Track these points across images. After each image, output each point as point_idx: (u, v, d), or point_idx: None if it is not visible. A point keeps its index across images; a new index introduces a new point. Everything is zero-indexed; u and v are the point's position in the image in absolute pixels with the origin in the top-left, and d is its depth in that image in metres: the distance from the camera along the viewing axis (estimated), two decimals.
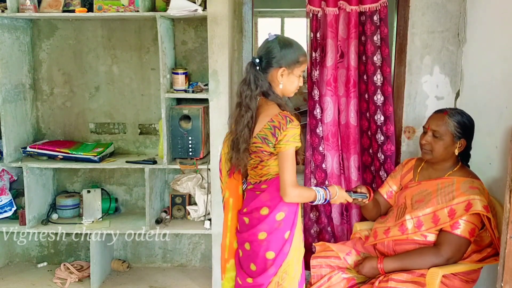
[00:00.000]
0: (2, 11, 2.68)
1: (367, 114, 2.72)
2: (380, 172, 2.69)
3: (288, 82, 1.87)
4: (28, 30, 2.97)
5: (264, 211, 1.89)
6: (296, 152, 1.86)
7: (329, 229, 2.80)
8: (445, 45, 2.67)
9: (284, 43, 1.86)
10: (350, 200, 2.03)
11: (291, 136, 1.79)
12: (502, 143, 2.11)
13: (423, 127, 2.14)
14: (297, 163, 1.88)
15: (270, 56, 1.84)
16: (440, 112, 2.10)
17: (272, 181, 1.89)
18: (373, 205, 2.24)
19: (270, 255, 1.87)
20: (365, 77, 2.68)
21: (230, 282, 2.03)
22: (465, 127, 2.05)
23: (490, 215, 1.91)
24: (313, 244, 2.76)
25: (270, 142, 1.81)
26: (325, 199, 1.92)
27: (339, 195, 1.96)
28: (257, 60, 1.85)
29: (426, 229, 2.00)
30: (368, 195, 2.09)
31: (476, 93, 2.49)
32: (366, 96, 2.69)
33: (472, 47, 2.56)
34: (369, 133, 2.74)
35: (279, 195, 1.86)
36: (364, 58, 2.66)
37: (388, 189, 2.31)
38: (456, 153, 2.06)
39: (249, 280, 1.93)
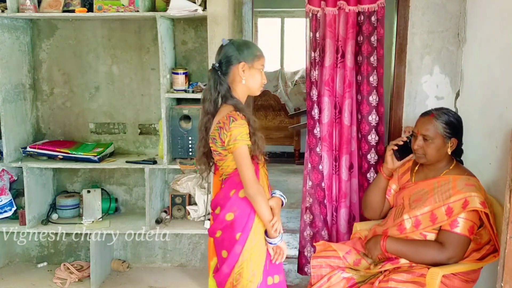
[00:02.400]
0: (2, 11, 2.68)
1: (359, 115, 2.72)
2: (368, 174, 2.72)
3: (250, 76, 1.92)
4: (28, 30, 2.97)
5: (217, 210, 1.95)
6: (254, 156, 1.88)
7: (323, 232, 2.80)
8: (445, 45, 2.67)
9: (238, 42, 1.95)
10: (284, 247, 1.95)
11: (237, 135, 1.81)
12: (502, 143, 2.11)
13: (413, 131, 2.14)
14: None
15: (228, 56, 1.91)
16: (426, 115, 2.09)
17: (226, 181, 1.95)
18: (383, 189, 2.26)
19: (224, 253, 1.92)
20: (359, 77, 2.68)
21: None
22: (454, 126, 2.05)
23: (488, 211, 1.91)
24: (314, 244, 2.77)
25: (217, 142, 1.87)
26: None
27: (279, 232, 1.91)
28: (217, 65, 1.92)
29: (424, 228, 2.01)
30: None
31: (476, 93, 2.49)
32: (359, 96, 2.69)
33: (472, 47, 2.56)
34: (359, 134, 2.74)
35: (229, 195, 1.91)
36: (360, 58, 2.66)
37: (388, 187, 2.31)
38: (449, 152, 2.06)
39: (213, 275, 2.01)
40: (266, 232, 1.92)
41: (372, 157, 2.70)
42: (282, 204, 2.01)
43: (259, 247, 1.90)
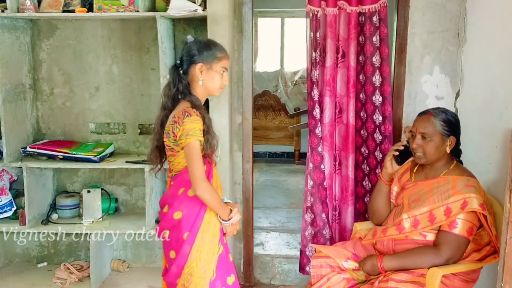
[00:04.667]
0: (2, 11, 2.68)
1: (364, 114, 2.73)
2: (377, 170, 2.72)
3: (208, 78, 1.92)
4: (28, 30, 2.97)
5: (165, 208, 1.94)
6: (207, 155, 1.87)
7: (324, 232, 2.81)
8: (445, 45, 2.67)
9: (201, 42, 1.95)
10: (234, 229, 1.99)
11: (189, 130, 1.80)
12: (502, 143, 2.11)
13: (411, 131, 2.14)
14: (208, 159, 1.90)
15: (188, 55, 1.92)
16: (424, 114, 2.10)
17: (176, 178, 1.94)
18: (386, 194, 2.26)
19: (172, 254, 1.90)
20: (362, 77, 2.68)
21: None
22: (451, 124, 2.06)
23: (487, 213, 1.91)
24: (311, 245, 2.78)
25: (171, 136, 1.86)
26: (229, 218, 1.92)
27: (234, 219, 1.94)
28: (178, 62, 1.94)
29: (422, 228, 2.01)
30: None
31: (476, 93, 2.49)
32: (363, 96, 2.70)
33: (472, 47, 2.56)
34: (362, 132, 2.75)
35: (178, 194, 1.90)
36: (362, 58, 2.66)
37: (390, 190, 2.31)
38: (448, 151, 2.06)
39: (162, 279, 1.99)
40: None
41: (378, 154, 2.71)
42: None
43: (208, 245, 1.89)
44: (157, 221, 2.86)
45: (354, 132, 2.72)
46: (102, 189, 3.07)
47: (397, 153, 2.17)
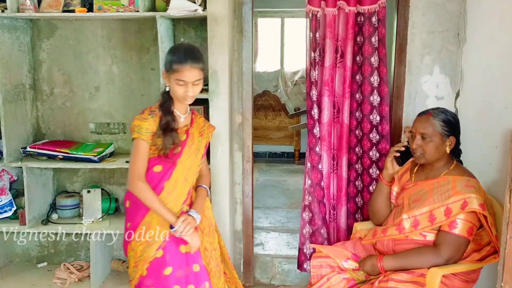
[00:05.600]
0: (2, 11, 2.68)
1: (361, 114, 2.72)
2: (371, 170, 2.73)
3: (170, 85, 1.98)
4: (28, 30, 2.97)
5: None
6: (165, 155, 1.94)
7: (322, 230, 2.81)
8: (445, 45, 2.67)
9: (173, 48, 2.03)
10: (196, 240, 1.97)
11: (135, 127, 1.94)
12: (502, 143, 2.11)
13: (410, 131, 2.14)
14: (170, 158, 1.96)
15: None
16: (423, 114, 2.10)
17: None
18: (387, 195, 2.26)
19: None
20: (358, 77, 2.68)
21: None
22: (451, 124, 2.06)
23: (487, 213, 1.91)
24: (311, 245, 2.78)
25: None
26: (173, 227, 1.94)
27: (191, 224, 1.94)
28: None
29: (422, 228, 2.01)
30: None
31: (476, 93, 2.49)
32: (361, 96, 2.69)
33: (472, 47, 2.56)
34: (356, 132, 2.75)
35: None
36: (360, 58, 2.66)
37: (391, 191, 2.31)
38: (448, 151, 2.06)
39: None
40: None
41: (374, 153, 2.71)
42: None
43: (144, 245, 1.96)
44: None
45: (348, 132, 2.72)
46: (102, 189, 3.07)
47: (398, 154, 2.18)
